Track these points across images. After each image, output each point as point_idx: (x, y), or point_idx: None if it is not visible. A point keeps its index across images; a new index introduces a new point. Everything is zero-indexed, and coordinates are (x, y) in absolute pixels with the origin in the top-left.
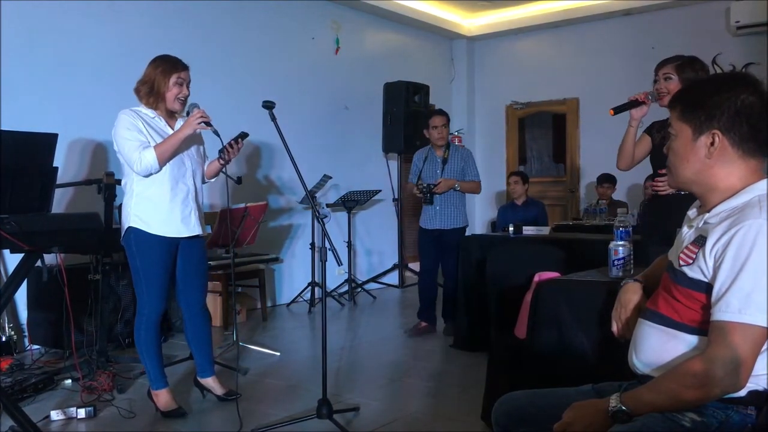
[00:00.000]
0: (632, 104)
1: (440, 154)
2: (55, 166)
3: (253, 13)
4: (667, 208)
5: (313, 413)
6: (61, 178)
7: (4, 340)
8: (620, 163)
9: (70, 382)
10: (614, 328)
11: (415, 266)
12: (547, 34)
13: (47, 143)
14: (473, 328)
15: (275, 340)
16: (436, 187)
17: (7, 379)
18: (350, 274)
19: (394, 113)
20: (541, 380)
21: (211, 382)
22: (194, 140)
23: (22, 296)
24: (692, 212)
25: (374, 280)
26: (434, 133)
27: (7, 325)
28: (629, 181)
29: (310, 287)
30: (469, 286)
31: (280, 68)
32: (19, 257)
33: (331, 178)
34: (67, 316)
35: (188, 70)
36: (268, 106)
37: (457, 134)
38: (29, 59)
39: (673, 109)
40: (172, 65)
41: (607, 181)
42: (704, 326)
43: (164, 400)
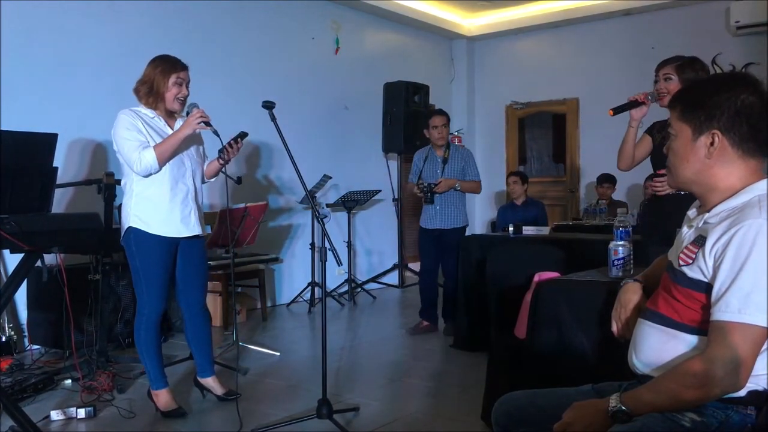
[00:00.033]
0: (631, 105)
1: (441, 154)
2: (55, 166)
3: (253, 13)
4: (667, 208)
5: (313, 413)
6: (61, 178)
7: (4, 340)
8: (620, 163)
9: (70, 382)
10: (614, 328)
11: (415, 266)
12: (547, 34)
13: (47, 143)
14: (473, 328)
15: (275, 340)
16: (436, 186)
17: (7, 379)
18: (350, 274)
19: (394, 113)
20: (541, 380)
21: (211, 382)
22: (194, 140)
23: (22, 296)
24: (692, 212)
25: (374, 280)
26: (434, 132)
27: (7, 325)
28: (629, 181)
29: (310, 287)
30: (469, 286)
31: (280, 68)
32: (19, 257)
33: (331, 178)
34: (67, 316)
35: (187, 70)
36: (268, 106)
37: (456, 134)
38: (29, 59)
39: (673, 109)
40: (171, 65)
41: (607, 181)
42: (704, 326)
43: (164, 400)
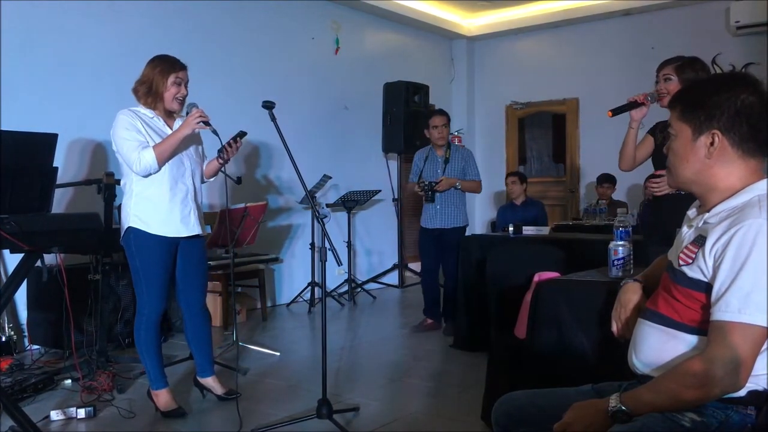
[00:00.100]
0: (631, 105)
1: (441, 153)
2: (55, 166)
3: (253, 13)
4: (667, 208)
5: (313, 413)
6: (61, 178)
7: (4, 340)
8: (622, 164)
9: (70, 382)
10: (614, 328)
11: (415, 266)
12: (547, 34)
13: (47, 143)
14: (473, 328)
15: (275, 340)
16: (437, 184)
17: (7, 379)
18: (350, 274)
19: (393, 113)
20: (541, 380)
21: (211, 381)
22: (193, 140)
23: (22, 296)
24: (692, 212)
25: (374, 280)
26: (434, 132)
27: (7, 325)
28: (629, 181)
29: (309, 287)
30: (469, 286)
31: (280, 68)
32: (19, 257)
33: (330, 178)
34: (67, 316)
35: (186, 69)
36: (268, 106)
37: (456, 134)
38: (29, 59)
39: (673, 109)
40: (170, 65)
41: (606, 181)
42: (704, 326)
43: (164, 400)
